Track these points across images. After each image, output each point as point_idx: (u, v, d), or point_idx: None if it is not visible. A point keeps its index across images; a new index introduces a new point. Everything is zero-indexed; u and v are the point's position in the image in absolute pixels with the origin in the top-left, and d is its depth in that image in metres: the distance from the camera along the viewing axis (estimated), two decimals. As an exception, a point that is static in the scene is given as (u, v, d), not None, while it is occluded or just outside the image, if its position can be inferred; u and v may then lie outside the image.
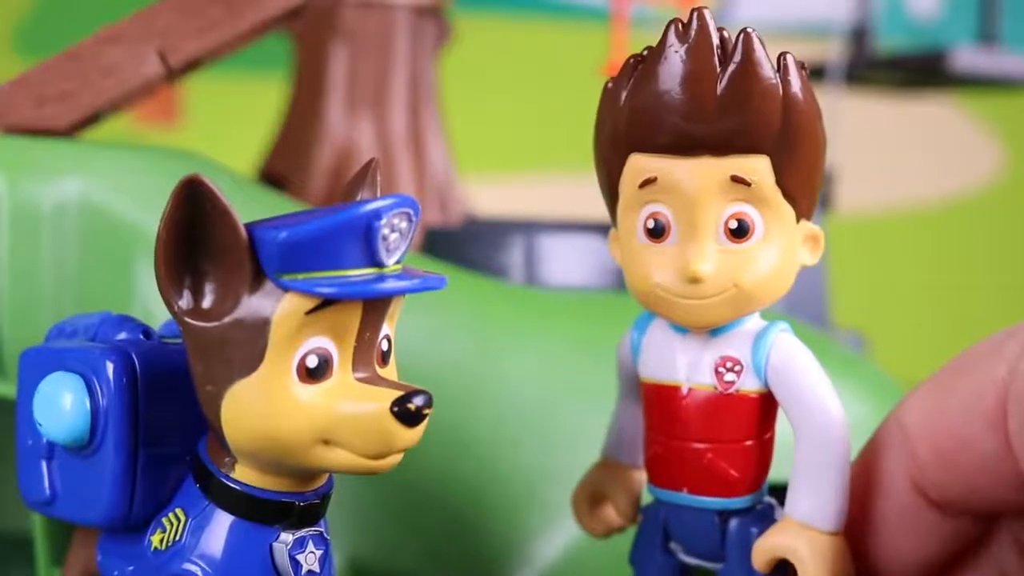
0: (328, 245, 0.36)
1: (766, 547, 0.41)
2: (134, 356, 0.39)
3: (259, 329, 0.36)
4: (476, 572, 0.54)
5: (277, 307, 0.36)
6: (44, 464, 0.41)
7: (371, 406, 0.37)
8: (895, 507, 0.40)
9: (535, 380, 0.57)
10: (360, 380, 0.37)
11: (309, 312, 0.36)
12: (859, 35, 1.09)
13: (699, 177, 0.40)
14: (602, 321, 0.58)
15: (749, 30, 0.39)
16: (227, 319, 0.37)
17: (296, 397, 0.37)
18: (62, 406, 0.39)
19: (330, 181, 0.83)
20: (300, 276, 0.36)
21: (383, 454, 0.37)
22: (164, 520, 0.39)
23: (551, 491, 0.54)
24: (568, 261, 0.68)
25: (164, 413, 0.40)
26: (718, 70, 0.39)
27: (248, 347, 0.36)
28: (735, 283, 0.40)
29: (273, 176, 0.86)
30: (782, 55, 0.40)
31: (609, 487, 0.46)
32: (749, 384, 0.41)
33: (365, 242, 0.37)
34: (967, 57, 1.04)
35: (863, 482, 0.41)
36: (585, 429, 0.54)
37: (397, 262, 0.38)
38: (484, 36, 1.32)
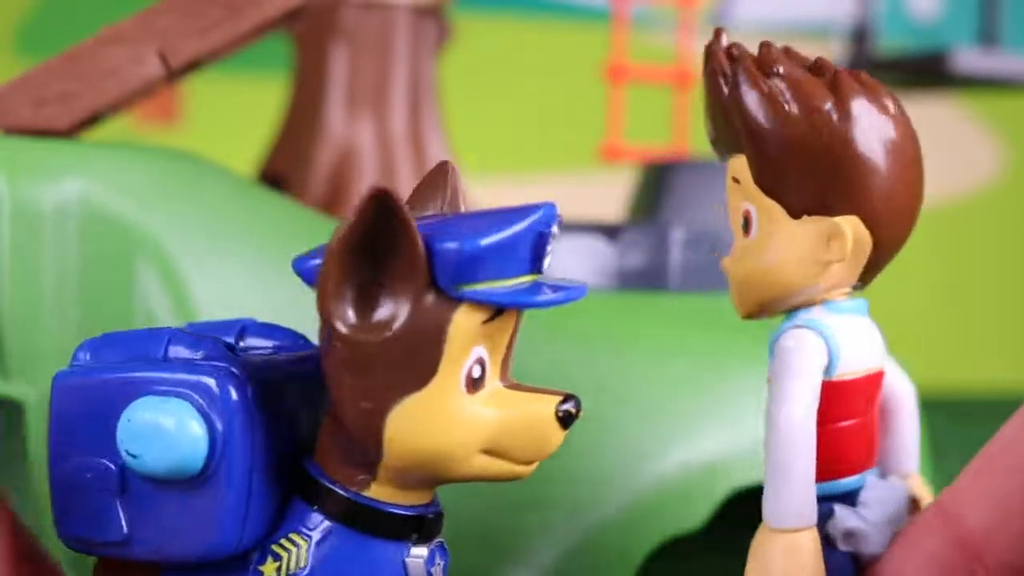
0: (504, 254, 0.35)
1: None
2: (243, 374, 0.37)
3: (433, 341, 0.35)
4: (476, 572, 0.54)
5: (452, 318, 0.35)
6: (117, 500, 0.37)
7: (538, 412, 0.36)
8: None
9: (535, 380, 0.57)
10: (509, 388, 0.37)
11: (485, 322, 0.36)
12: (860, 35, 1.08)
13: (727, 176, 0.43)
14: (602, 321, 0.58)
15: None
16: (399, 331, 0.35)
17: (466, 408, 0.36)
18: (170, 434, 0.36)
19: (330, 181, 0.83)
20: (479, 286, 0.35)
21: (537, 459, 0.37)
22: (275, 548, 0.37)
23: (551, 491, 0.54)
24: (568, 261, 0.68)
25: (270, 433, 0.38)
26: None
27: (420, 359, 0.35)
28: (730, 274, 0.43)
29: (273, 176, 0.86)
30: (730, 47, 0.42)
31: None
32: None
33: (534, 249, 0.36)
34: (968, 58, 1.04)
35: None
36: (584, 429, 0.54)
37: None
38: (484, 36, 1.32)
